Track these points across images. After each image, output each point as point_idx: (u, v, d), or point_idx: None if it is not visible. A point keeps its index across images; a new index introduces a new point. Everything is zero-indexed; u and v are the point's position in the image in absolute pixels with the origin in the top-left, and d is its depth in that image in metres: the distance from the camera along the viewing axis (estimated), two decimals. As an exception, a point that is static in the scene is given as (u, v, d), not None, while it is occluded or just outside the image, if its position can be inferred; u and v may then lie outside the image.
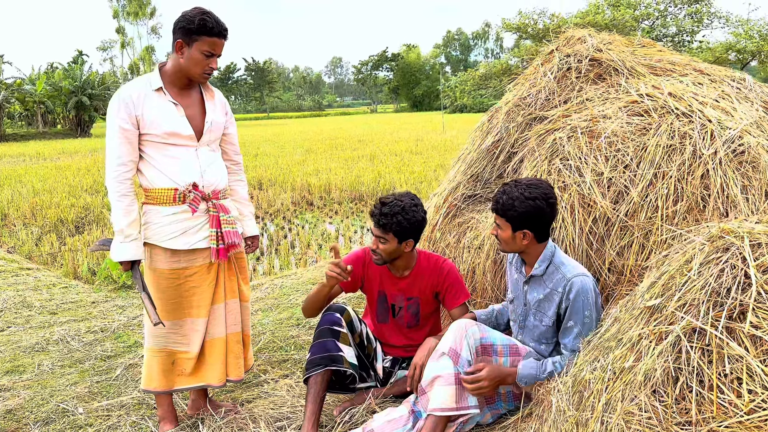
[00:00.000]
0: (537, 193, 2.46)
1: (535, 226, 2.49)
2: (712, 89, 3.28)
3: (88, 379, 3.46)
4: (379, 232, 2.78)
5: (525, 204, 2.45)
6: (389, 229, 2.74)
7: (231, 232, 2.71)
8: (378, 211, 2.77)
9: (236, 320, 2.83)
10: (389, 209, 2.74)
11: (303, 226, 9.09)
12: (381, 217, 2.75)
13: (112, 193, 2.55)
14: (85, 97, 38.18)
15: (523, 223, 2.48)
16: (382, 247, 2.80)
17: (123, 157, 2.54)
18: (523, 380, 2.47)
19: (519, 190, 2.48)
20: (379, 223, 2.76)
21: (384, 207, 2.76)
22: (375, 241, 2.82)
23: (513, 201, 2.46)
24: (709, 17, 26.74)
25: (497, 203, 2.53)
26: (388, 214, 2.73)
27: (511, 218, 2.49)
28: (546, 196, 2.47)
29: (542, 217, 2.48)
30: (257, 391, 3.17)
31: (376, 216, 2.77)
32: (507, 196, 2.49)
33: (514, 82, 3.90)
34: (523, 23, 28.97)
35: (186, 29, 2.51)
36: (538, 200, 2.45)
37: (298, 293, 5.01)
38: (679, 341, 1.56)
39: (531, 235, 2.51)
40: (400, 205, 2.75)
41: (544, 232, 2.53)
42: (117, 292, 5.35)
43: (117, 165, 2.54)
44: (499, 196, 2.54)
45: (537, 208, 2.45)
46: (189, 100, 2.67)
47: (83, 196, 11.33)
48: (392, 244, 2.79)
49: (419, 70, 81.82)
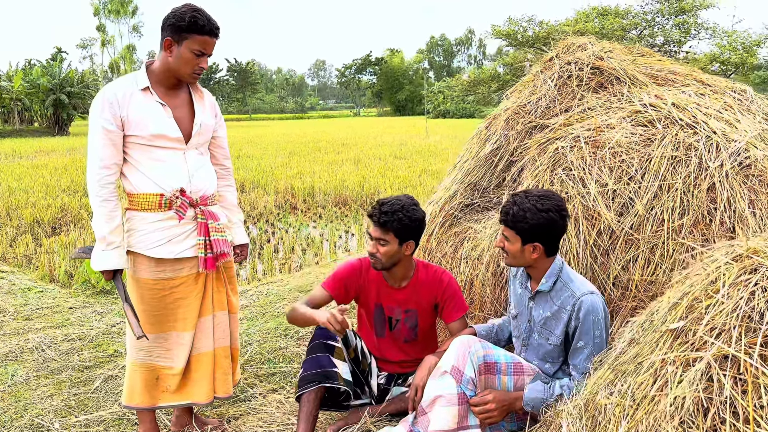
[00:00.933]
0: (550, 205, 2.35)
1: (547, 239, 2.38)
2: (715, 100, 3.22)
3: (65, 391, 3.29)
4: (378, 233, 2.67)
5: (538, 216, 2.33)
6: (390, 227, 2.63)
7: (220, 241, 2.57)
8: (377, 210, 2.66)
9: (225, 333, 2.69)
10: (389, 207, 2.64)
11: (287, 229, 8.94)
12: (381, 215, 2.64)
13: (94, 198, 2.40)
14: (63, 95, 37.55)
15: (534, 236, 2.37)
16: (383, 250, 2.68)
17: (106, 159, 2.39)
18: (529, 405, 2.35)
19: (531, 201, 2.36)
20: (379, 221, 2.65)
21: (383, 206, 2.66)
22: (374, 245, 2.70)
23: (525, 212, 2.35)
24: (696, 28, 27.11)
25: (507, 214, 2.41)
26: (388, 212, 2.63)
27: (522, 230, 2.37)
28: (559, 208, 2.37)
29: (554, 230, 2.37)
30: (245, 407, 3.02)
31: (375, 215, 2.66)
32: (518, 207, 2.37)
33: (512, 89, 3.81)
34: (513, 30, 29.05)
35: (176, 26, 2.37)
36: (552, 212, 2.34)
37: (285, 301, 4.86)
38: (709, 369, 1.46)
39: (541, 248, 2.39)
40: (400, 204, 2.66)
41: (555, 246, 2.42)
42: (96, 297, 5.16)
43: (99, 168, 2.39)
44: (509, 207, 2.42)
45: (550, 221, 2.34)
46: (177, 100, 2.53)
47: (60, 196, 11.05)
48: (393, 246, 2.68)
49: (402, 74, 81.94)
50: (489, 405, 2.31)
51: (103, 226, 2.39)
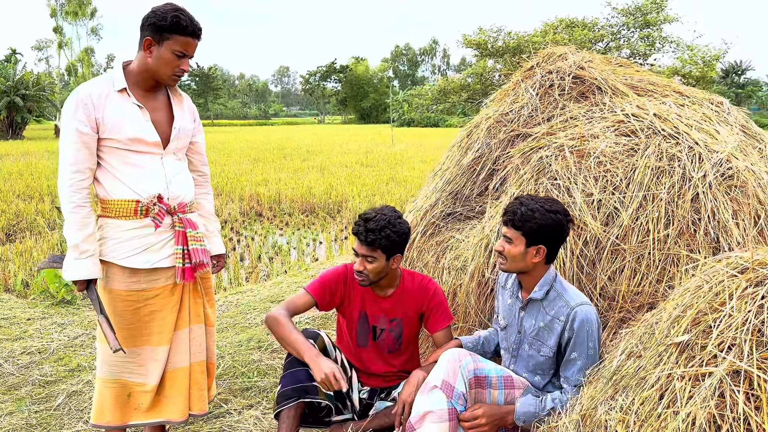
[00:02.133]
0: (558, 208, 2.32)
1: (551, 242, 2.33)
2: (694, 111, 3.25)
3: (25, 408, 3.09)
4: (365, 250, 2.56)
5: (547, 216, 2.28)
6: (377, 245, 2.53)
7: (199, 250, 2.44)
8: (363, 228, 2.55)
9: (201, 347, 2.56)
10: (375, 224, 2.52)
11: (252, 237, 8.76)
12: (368, 233, 2.53)
13: (66, 204, 2.26)
14: (18, 98, 36.32)
15: (541, 237, 2.31)
16: (370, 267, 2.58)
17: (79, 163, 2.25)
18: (521, 419, 2.29)
19: (539, 203, 2.32)
20: (366, 240, 2.53)
21: (369, 223, 2.54)
22: (361, 262, 2.58)
23: (533, 212, 2.29)
24: (661, 41, 27.88)
25: (513, 214, 2.34)
26: (375, 230, 2.51)
27: (529, 230, 2.30)
28: (566, 212, 2.34)
29: (560, 233, 2.33)
30: (220, 424, 2.89)
31: (361, 233, 2.54)
32: (526, 208, 2.31)
33: (491, 97, 3.78)
34: (483, 40, 29.33)
35: (157, 26, 2.25)
36: (560, 215, 2.30)
37: (256, 311, 4.72)
38: (720, 384, 1.42)
39: (544, 252, 2.33)
40: (386, 219, 2.54)
41: (556, 251, 2.38)
42: (55, 308, 4.92)
43: (72, 172, 2.25)
44: (515, 207, 2.34)
45: (558, 222, 2.30)
46: (155, 103, 2.40)
47: (15, 201, 10.63)
48: (380, 262, 2.58)
49: (367, 82, 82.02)
50: (479, 420, 2.25)
51: (76, 234, 2.25)
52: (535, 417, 2.28)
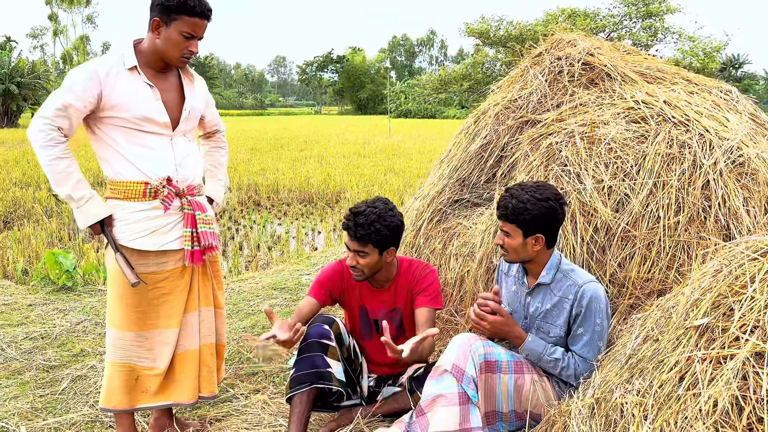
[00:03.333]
0: (548, 194, 2.32)
1: (548, 229, 2.34)
2: (703, 99, 3.24)
3: (30, 392, 3.08)
4: (356, 245, 2.51)
5: (538, 206, 2.29)
6: (368, 240, 2.48)
7: (208, 233, 2.42)
8: (352, 222, 2.49)
9: (210, 330, 2.54)
10: (365, 218, 2.47)
11: (251, 226, 8.74)
12: (357, 228, 2.47)
13: (44, 159, 2.19)
14: (13, 86, 36.06)
15: (536, 227, 2.32)
16: (363, 262, 2.54)
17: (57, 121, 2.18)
18: (525, 350, 2.36)
19: (528, 192, 2.32)
20: (356, 235, 2.49)
21: (358, 217, 2.48)
22: (353, 257, 2.54)
23: (524, 204, 2.29)
24: (663, 32, 27.79)
25: (506, 208, 2.34)
26: (364, 224, 2.46)
27: (523, 222, 2.31)
28: (557, 196, 2.34)
29: (555, 218, 2.34)
30: (227, 408, 2.88)
31: (351, 229, 2.49)
32: (517, 200, 2.32)
33: (499, 84, 3.76)
34: (486, 29, 29.21)
35: (165, 6, 2.21)
36: (551, 201, 2.31)
37: (259, 298, 4.71)
38: (743, 366, 1.42)
39: (543, 240, 2.35)
40: (376, 212, 2.49)
41: (555, 236, 2.38)
42: (56, 294, 4.89)
43: (50, 129, 2.18)
44: (507, 201, 2.35)
45: (551, 209, 2.31)
46: (166, 84, 2.37)
47: (12, 189, 10.57)
48: (373, 257, 2.54)
49: (364, 73, 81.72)
50: (484, 323, 2.32)
51: (63, 187, 2.22)
52: (539, 357, 2.35)
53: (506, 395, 2.36)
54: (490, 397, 2.36)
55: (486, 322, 2.33)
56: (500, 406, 2.37)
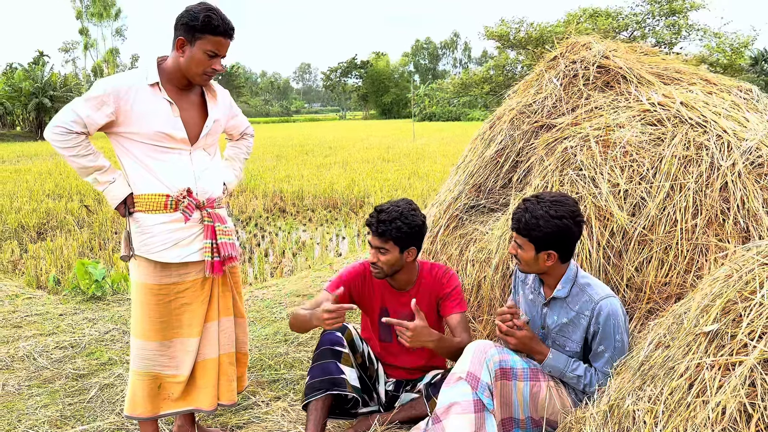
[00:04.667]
0: (564, 211, 2.26)
1: (561, 246, 2.30)
2: (722, 99, 3.19)
3: (59, 401, 3.17)
4: (378, 242, 2.57)
5: (551, 223, 2.24)
6: (389, 236, 2.54)
7: (227, 244, 2.48)
8: (375, 218, 2.57)
9: (230, 340, 2.60)
10: (387, 215, 2.54)
11: (276, 233, 8.83)
12: (379, 224, 2.54)
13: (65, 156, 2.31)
14: (46, 99, 37.09)
15: (548, 244, 2.28)
16: (383, 259, 2.59)
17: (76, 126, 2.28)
18: (547, 367, 2.35)
19: (543, 207, 2.27)
20: (377, 231, 2.55)
21: (381, 214, 2.56)
22: (374, 253, 2.60)
23: (537, 220, 2.26)
24: (687, 29, 27.30)
25: (519, 222, 2.32)
26: (386, 221, 2.53)
27: (535, 239, 2.28)
28: (573, 214, 2.28)
29: (569, 237, 2.28)
30: (248, 416, 2.93)
31: (373, 224, 2.57)
32: (530, 215, 2.28)
33: (514, 88, 3.76)
34: (505, 31, 29.06)
35: (189, 26, 2.27)
36: (566, 219, 2.25)
37: (281, 306, 4.77)
38: (751, 373, 1.41)
39: (556, 256, 2.31)
40: (398, 210, 2.56)
41: (569, 252, 2.35)
42: (86, 304, 5.02)
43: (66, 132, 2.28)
44: (520, 214, 2.33)
45: (564, 228, 2.25)
46: (187, 101, 2.43)
47: (45, 200, 10.86)
48: (393, 254, 2.59)
49: (388, 77, 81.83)
50: (511, 339, 2.34)
51: (86, 177, 2.37)
52: (561, 374, 2.33)
53: (522, 402, 2.36)
54: (507, 404, 2.36)
55: (514, 338, 2.34)
56: (517, 413, 2.37)
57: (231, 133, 2.79)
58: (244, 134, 2.83)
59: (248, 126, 2.83)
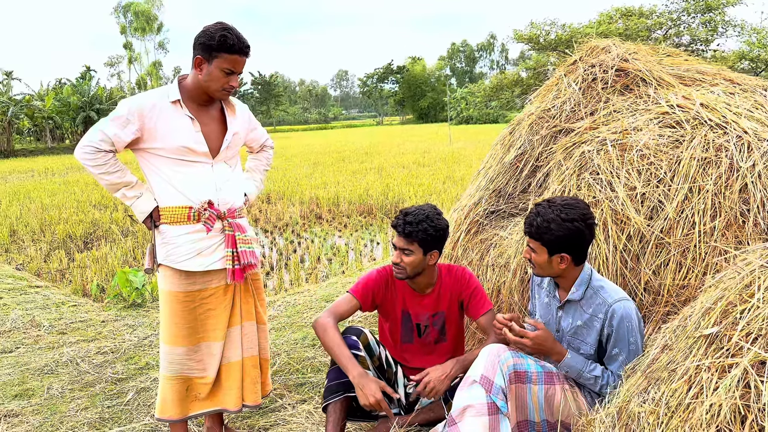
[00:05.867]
0: (575, 215, 2.30)
1: (574, 249, 2.34)
2: (744, 99, 3.16)
3: (99, 404, 3.34)
4: (403, 243, 2.66)
5: (563, 227, 2.29)
6: (415, 237, 2.63)
7: (247, 252, 2.59)
8: (402, 220, 2.66)
9: (252, 343, 2.71)
10: (413, 218, 2.64)
11: (312, 239, 8.97)
12: (406, 225, 2.64)
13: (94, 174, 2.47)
14: (93, 112, 38.45)
15: (561, 247, 2.33)
16: (407, 260, 2.67)
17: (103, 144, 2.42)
18: (564, 368, 2.37)
19: (555, 211, 2.32)
20: (404, 232, 2.64)
21: (408, 216, 2.66)
22: (398, 254, 2.69)
23: (549, 224, 2.30)
24: (723, 26, 26.52)
25: (531, 226, 2.38)
26: (412, 222, 2.63)
27: (548, 242, 2.33)
28: (584, 217, 2.32)
29: (581, 240, 2.32)
30: (274, 418, 3.04)
31: (399, 226, 2.66)
32: (542, 218, 2.33)
33: (535, 93, 3.78)
34: (535, 34, 28.84)
35: (206, 45, 2.40)
36: (577, 222, 2.29)
37: (312, 311, 4.88)
38: (745, 375, 1.42)
39: (569, 259, 2.35)
40: (424, 213, 2.66)
41: (582, 254, 2.38)
42: (127, 311, 5.24)
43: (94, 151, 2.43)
44: (532, 219, 2.38)
45: (576, 231, 2.30)
46: (207, 116, 2.56)
47: (91, 211, 11.27)
48: (417, 256, 2.67)
49: (425, 82, 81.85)
50: (526, 340, 2.36)
51: (115, 193, 2.51)
52: (579, 374, 2.35)
53: (537, 405, 2.39)
54: (522, 407, 2.40)
55: (527, 339, 2.38)
56: (532, 415, 2.40)
57: (251, 146, 2.90)
58: (264, 146, 2.94)
59: (267, 138, 2.94)
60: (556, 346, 2.40)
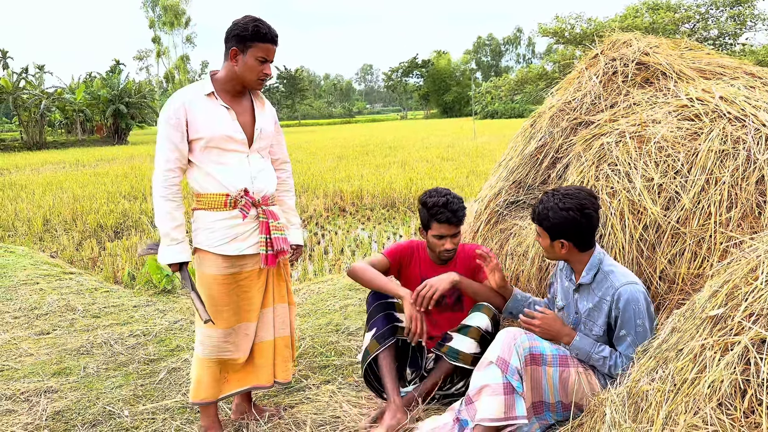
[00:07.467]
0: (572, 204, 2.44)
1: (572, 236, 2.48)
2: (765, 93, 3.19)
3: (132, 382, 3.51)
4: (455, 229, 2.91)
5: (558, 215, 2.44)
6: (462, 221, 2.92)
7: (280, 239, 2.72)
8: (449, 212, 2.85)
9: (284, 324, 2.86)
10: (456, 205, 2.88)
11: (336, 232, 9.11)
12: (456, 213, 2.85)
13: (158, 198, 2.57)
14: (122, 105, 39.14)
15: (559, 233, 2.49)
16: (456, 241, 2.95)
17: (171, 162, 2.56)
18: (574, 349, 2.49)
19: (554, 199, 2.48)
20: (457, 220, 2.87)
21: (450, 205, 2.86)
22: (449, 241, 2.91)
23: (548, 211, 2.47)
24: (752, 19, 26.06)
25: (534, 212, 2.56)
26: (458, 210, 2.87)
27: (547, 228, 2.51)
28: (581, 206, 2.44)
29: (577, 228, 2.46)
30: (300, 396, 3.17)
31: (452, 218, 2.86)
32: (543, 206, 2.51)
33: (557, 86, 3.84)
34: (560, 28, 28.66)
35: (240, 36, 2.53)
36: (572, 211, 2.43)
37: (335, 299, 5.01)
38: (746, 352, 1.50)
39: (569, 245, 2.50)
40: (454, 196, 2.92)
41: (584, 242, 2.50)
42: (157, 296, 5.43)
43: (164, 170, 2.56)
44: (536, 205, 2.56)
45: (570, 219, 2.44)
46: (240, 107, 2.69)
47: (122, 202, 11.56)
48: (461, 234, 3.04)
49: (449, 76, 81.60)
50: (535, 321, 2.50)
51: (166, 223, 2.56)
52: (588, 356, 2.46)
53: (552, 387, 2.48)
54: (537, 389, 2.49)
55: (537, 321, 2.51)
56: (547, 397, 2.50)
57: (273, 151, 2.92)
58: (284, 162, 2.97)
59: (287, 157, 2.99)
60: (565, 329, 2.52)
